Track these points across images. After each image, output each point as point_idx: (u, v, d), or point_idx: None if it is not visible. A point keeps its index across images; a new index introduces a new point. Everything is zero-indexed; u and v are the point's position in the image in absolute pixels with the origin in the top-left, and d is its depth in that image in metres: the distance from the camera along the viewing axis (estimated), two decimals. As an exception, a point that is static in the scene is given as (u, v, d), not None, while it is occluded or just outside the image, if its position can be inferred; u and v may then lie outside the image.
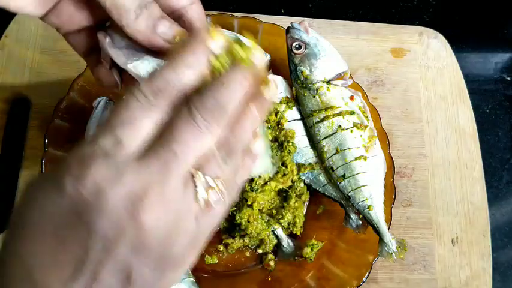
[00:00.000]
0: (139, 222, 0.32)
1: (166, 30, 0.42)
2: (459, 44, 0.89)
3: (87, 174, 0.32)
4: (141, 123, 0.34)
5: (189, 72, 0.35)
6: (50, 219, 0.33)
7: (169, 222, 0.34)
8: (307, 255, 0.70)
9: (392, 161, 0.71)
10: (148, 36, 0.42)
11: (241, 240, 0.71)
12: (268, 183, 0.69)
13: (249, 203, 0.68)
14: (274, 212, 0.70)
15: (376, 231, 0.67)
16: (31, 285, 0.32)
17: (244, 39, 0.40)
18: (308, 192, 0.72)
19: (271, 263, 0.71)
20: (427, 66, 0.87)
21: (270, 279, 0.71)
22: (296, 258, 0.70)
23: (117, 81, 0.48)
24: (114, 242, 0.32)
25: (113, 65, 0.47)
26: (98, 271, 0.32)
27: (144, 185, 0.33)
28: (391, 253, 0.66)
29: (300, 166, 0.70)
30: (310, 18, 0.85)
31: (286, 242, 0.71)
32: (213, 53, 0.37)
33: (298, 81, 0.70)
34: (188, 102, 0.35)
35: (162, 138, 0.34)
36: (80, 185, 0.32)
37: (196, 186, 0.35)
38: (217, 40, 0.38)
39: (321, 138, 0.69)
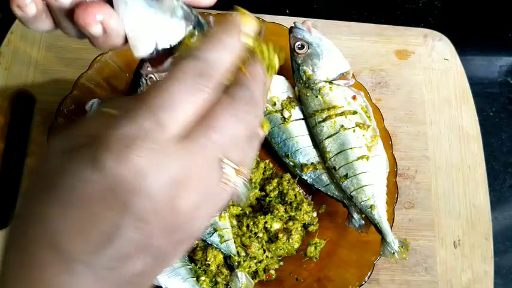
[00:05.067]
0: (177, 209, 0.32)
1: None
2: (464, 47, 0.89)
3: (130, 156, 0.31)
4: (183, 107, 0.33)
5: (228, 55, 0.35)
6: (82, 191, 0.31)
7: (201, 206, 0.34)
8: (311, 254, 0.70)
9: (395, 160, 0.71)
10: None
11: None
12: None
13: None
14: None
15: (379, 230, 0.67)
16: (53, 248, 0.32)
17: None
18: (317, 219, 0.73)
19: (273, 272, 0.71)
20: (431, 69, 0.86)
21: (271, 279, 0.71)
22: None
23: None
24: (148, 225, 0.32)
25: None
26: (125, 250, 0.32)
27: (184, 171, 0.32)
28: (394, 253, 0.66)
29: (302, 166, 0.70)
30: (315, 19, 0.85)
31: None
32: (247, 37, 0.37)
33: (301, 81, 0.70)
34: (228, 91, 0.35)
35: (202, 124, 0.34)
36: (122, 165, 0.31)
37: (225, 172, 0.35)
38: (250, 24, 0.38)
39: (324, 138, 0.69)
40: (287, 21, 0.75)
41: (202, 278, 0.67)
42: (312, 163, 0.70)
